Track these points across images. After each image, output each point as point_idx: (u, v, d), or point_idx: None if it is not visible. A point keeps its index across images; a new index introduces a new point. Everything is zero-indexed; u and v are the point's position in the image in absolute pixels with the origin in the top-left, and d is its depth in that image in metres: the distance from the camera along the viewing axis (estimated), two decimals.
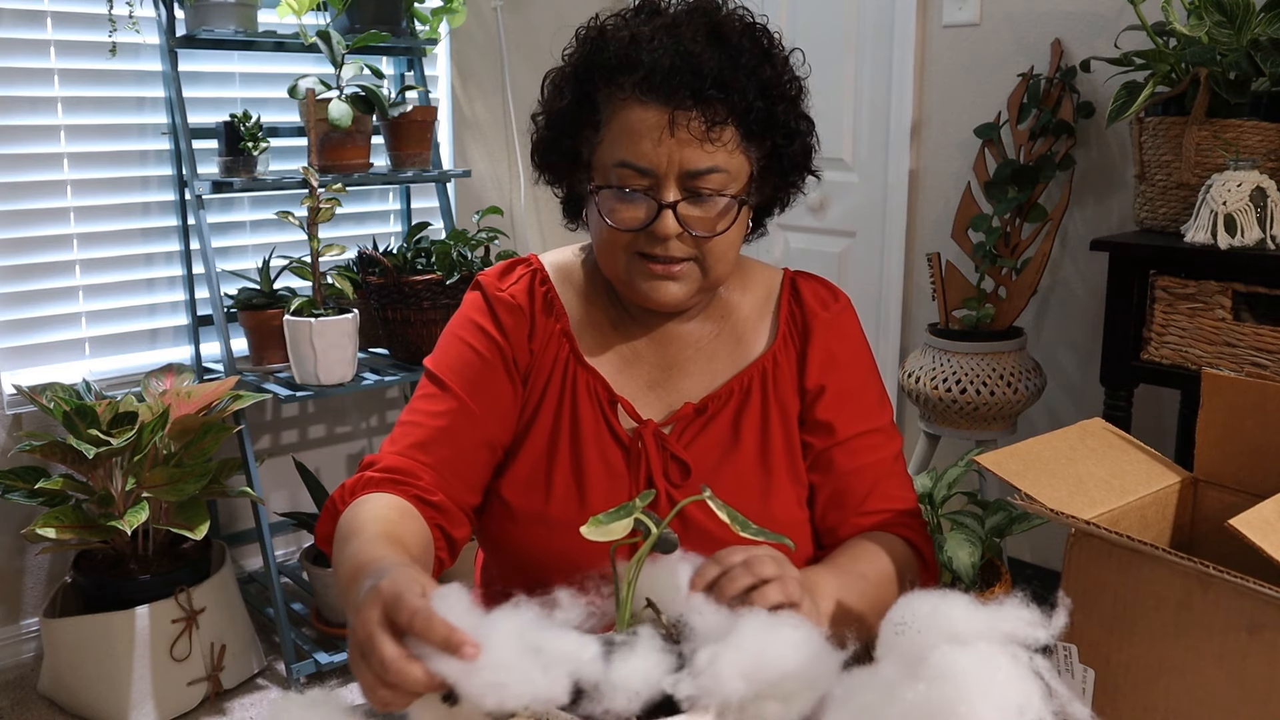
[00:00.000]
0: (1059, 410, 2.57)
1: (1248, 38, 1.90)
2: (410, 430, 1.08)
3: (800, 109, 1.08)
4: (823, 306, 1.15)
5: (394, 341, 2.51)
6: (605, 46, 1.02)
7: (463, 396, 1.08)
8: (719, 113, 0.98)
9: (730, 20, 1.03)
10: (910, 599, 0.77)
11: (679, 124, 0.98)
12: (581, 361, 1.11)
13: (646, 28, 1.01)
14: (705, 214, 1.02)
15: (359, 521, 0.95)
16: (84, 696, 2.19)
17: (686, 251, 1.03)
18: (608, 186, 1.02)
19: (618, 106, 1.01)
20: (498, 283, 1.14)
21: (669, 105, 0.98)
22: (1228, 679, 0.79)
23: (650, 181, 1.00)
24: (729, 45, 1.00)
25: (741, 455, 1.09)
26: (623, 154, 1.00)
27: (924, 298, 2.79)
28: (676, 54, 0.98)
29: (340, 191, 2.28)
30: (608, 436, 1.09)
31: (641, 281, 1.05)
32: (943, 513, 2.00)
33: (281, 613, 2.34)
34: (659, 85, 0.97)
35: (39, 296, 2.43)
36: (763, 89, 1.01)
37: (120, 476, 2.13)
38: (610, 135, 1.02)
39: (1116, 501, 0.95)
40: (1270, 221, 1.86)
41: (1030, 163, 2.38)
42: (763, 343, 1.14)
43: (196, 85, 2.56)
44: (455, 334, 1.13)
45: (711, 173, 1.00)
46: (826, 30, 2.89)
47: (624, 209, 1.02)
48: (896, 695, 0.70)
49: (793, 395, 1.12)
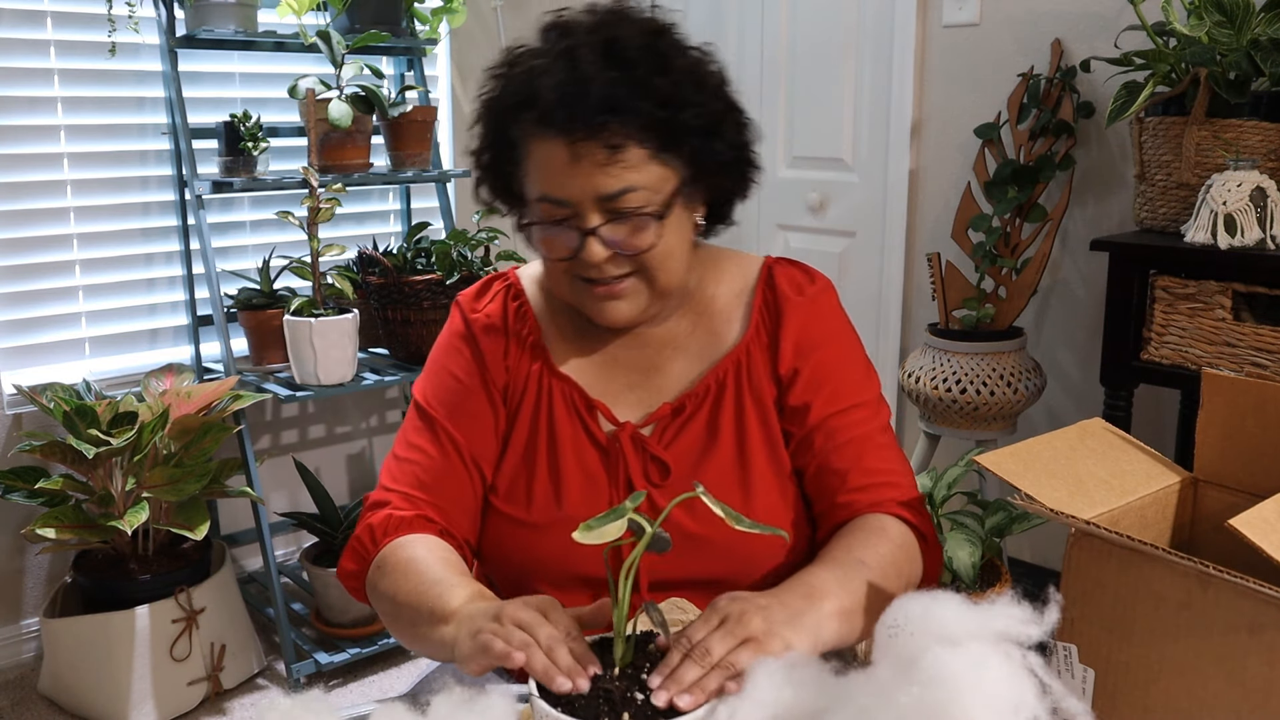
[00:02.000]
0: (1059, 410, 2.57)
1: (1248, 38, 1.90)
2: (409, 469, 1.11)
3: (717, 105, 1.05)
4: (796, 291, 1.13)
5: (394, 341, 2.51)
6: (508, 83, 1.03)
7: (452, 431, 1.11)
8: (615, 136, 0.98)
9: (630, 33, 1.01)
10: (903, 601, 0.78)
11: (580, 153, 0.98)
12: (555, 371, 1.12)
13: (543, 59, 1.01)
14: (631, 232, 1.01)
15: (419, 559, 1.02)
16: (84, 696, 2.19)
17: (624, 269, 1.03)
18: (536, 222, 1.03)
19: (528, 142, 1.02)
20: (474, 304, 1.16)
21: (566, 136, 0.98)
22: (1228, 679, 0.79)
23: (570, 211, 1.01)
24: (622, 63, 0.99)
25: (720, 451, 1.09)
26: (541, 188, 1.01)
27: (924, 298, 2.79)
28: (572, 83, 0.97)
29: (340, 191, 2.28)
30: (585, 441, 1.10)
31: (590, 304, 1.06)
32: (943, 513, 2.00)
33: (281, 613, 2.34)
34: (557, 118, 0.97)
35: (39, 296, 2.43)
36: (661, 101, 0.99)
37: (120, 476, 2.13)
38: (529, 170, 1.03)
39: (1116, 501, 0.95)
40: (1270, 221, 1.86)
41: (1030, 163, 2.38)
42: (735, 333, 1.14)
43: (196, 85, 2.56)
44: (440, 361, 1.16)
45: (625, 193, 0.99)
46: (826, 30, 2.89)
47: (553, 240, 1.03)
48: (891, 699, 0.70)
49: (768, 383, 1.11)
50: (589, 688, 0.78)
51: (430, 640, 0.95)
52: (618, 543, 0.81)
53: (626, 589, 0.81)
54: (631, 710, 0.77)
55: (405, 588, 0.99)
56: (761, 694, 0.76)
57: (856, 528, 1.05)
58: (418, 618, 0.97)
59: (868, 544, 1.01)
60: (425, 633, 0.96)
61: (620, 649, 0.83)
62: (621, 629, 0.82)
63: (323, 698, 0.83)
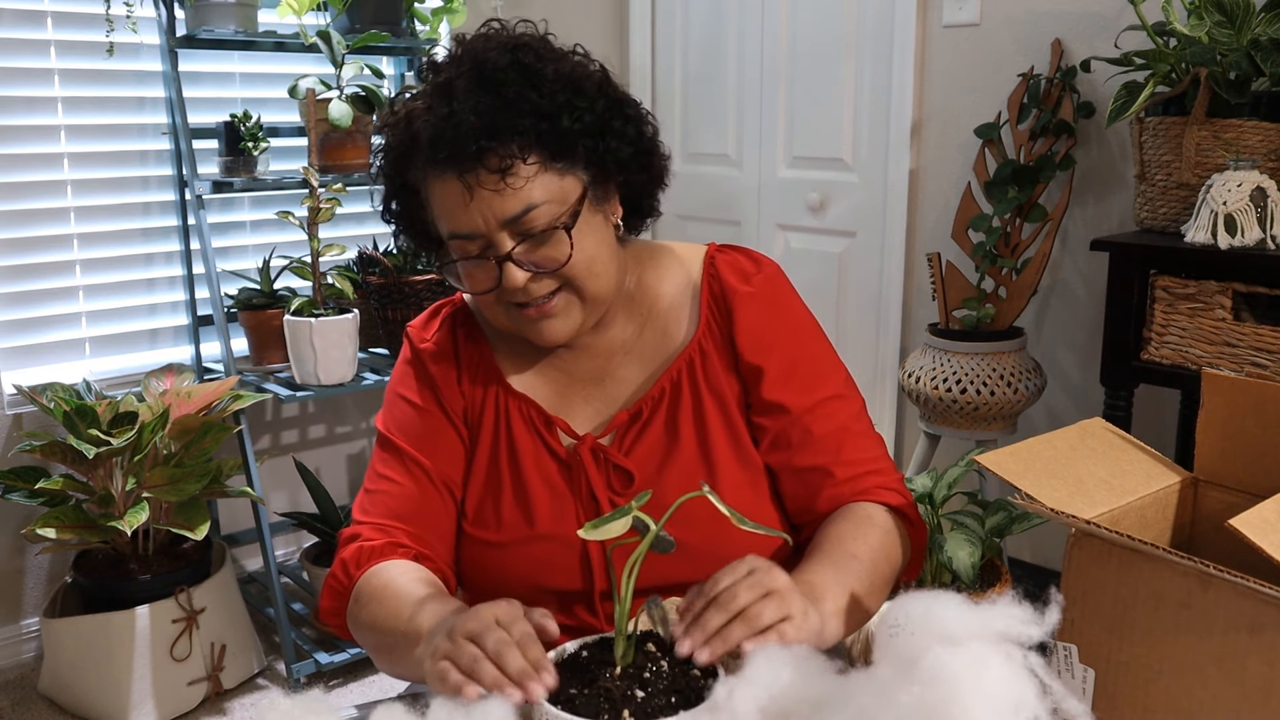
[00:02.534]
0: (1059, 410, 2.57)
1: (1248, 38, 1.90)
2: (380, 500, 1.10)
3: (600, 104, 1.03)
4: (743, 280, 1.12)
5: (394, 341, 2.51)
6: (393, 132, 1.03)
7: (417, 456, 1.10)
8: (499, 159, 0.97)
9: (496, 54, 1.00)
10: (904, 600, 0.78)
11: (473, 185, 0.97)
12: (511, 391, 1.12)
13: (420, 100, 1.01)
14: (547, 250, 1.01)
15: (392, 582, 1.01)
16: (84, 696, 2.19)
17: (550, 286, 1.03)
18: (452, 260, 1.03)
19: (427, 185, 1.02)
20: (421, 333, 1.15)
21: (455, 170, 0.97)
22: (1228, 679, 0.79)
23: (482, 242, 1.00)
24: (492, 85, 0.98)
25: (682, 453, 1.08)
26: (447, 226, 1.01)
27: (924, 298, 2.79)
28: (448, 119, 0.97)
29: (340, 191, 2.29)
30: (546, 457, 1.09)
31: (526, 327, 1.06)
32: (943, 513, 2.00)
33: (281, 613, 2.34)
34: (439, 156, 0.97)
35: (39, 296, 2.43)
36: (537, 113, 0.98)
37: (120, 476, 2.13)
38: (433, 211, 1.03)
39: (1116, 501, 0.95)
40: (1270, 221, 1.86)
41: (1030, 163, 2.38)
42: (685, 331, 1.12)
43: (196, 85, 2.56)
44: (395, 391, 1.15)
45: (528, 211, 0.99)
46: (826, 30, 2.89)
47: (473, 274, 1.03)
48: (891, 698, 0.70)
49: (726, 379, 1.10)
50: (545, 696, 0.77)
51: (408, 663, 0.94)
52: (619, 542, 0.82)
53: (629, 588, 0.81)
54: (632, 709, 0.77)
55: (382, 613, 0.99)
56: (759, 675, 0.76)
57: (844, 518, 1.05)
58: (396, 642, 0.96)
59: (858, 535, 1.02)
60: (402, 656, 0.95)
61: (621, 648, 0.83)
62: (623, 628, 0.82)
63: (323, 698, 0.83)
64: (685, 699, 0.78)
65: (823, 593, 0.92)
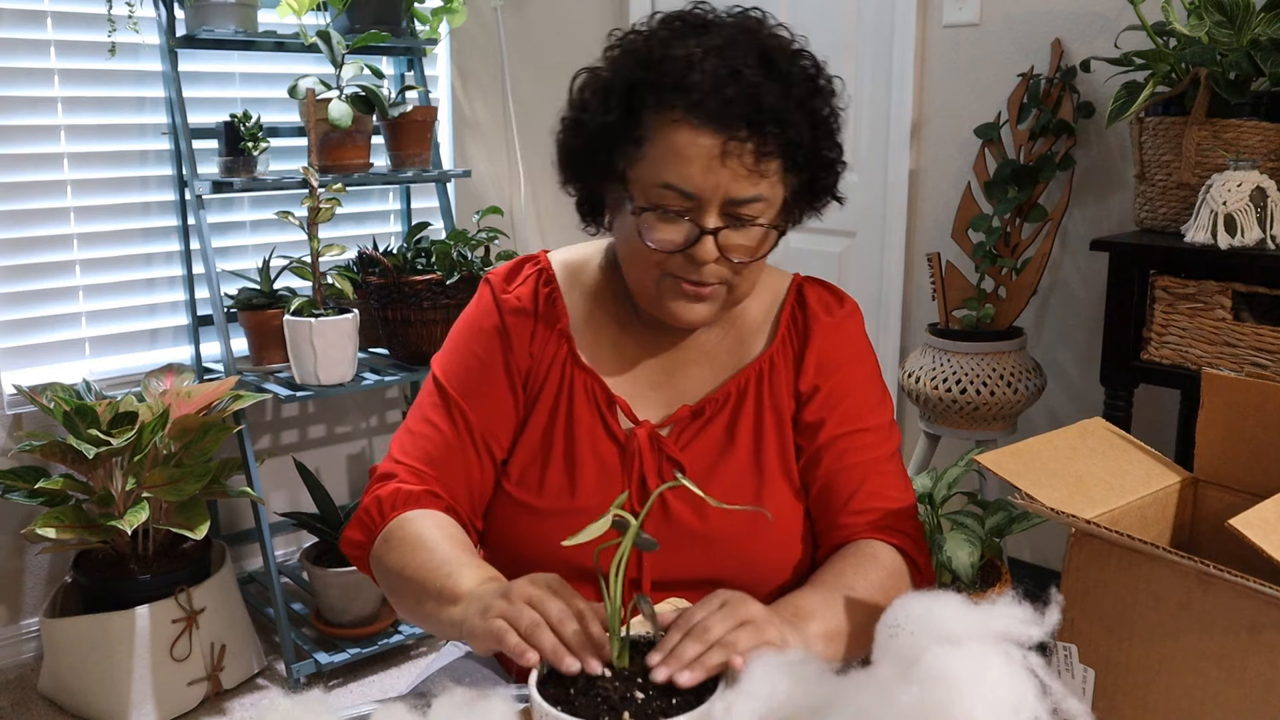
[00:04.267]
0: (1059, 410, 2.57)
1: (1248, 38, 1.90)
2: (420, 444, 1.11)
3: (837, 153, 1.07)
4: (826, 311, 1.15)
5: (394, 341, 2.51)
6: (656, 63, 0.99)
7: (465, 410, 1.10)
8: (770, 146, 0.98)
9: (778, 44, 1.02)
10: (904, 601, 0.78)
11: (730, 153, 0.96)
12: (579, 362, 1.12)
13: (697, 47, 0.98)
14: (743, 240, 1.02)
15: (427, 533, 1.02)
16: (84, 696, 2.19)
17: (719, 275, 1.03)
18: (649, 207, 1.01)
19: (665, 127, 0.98)
20: (504, 284, 1.14)
21: (722, 134, 0.96)
22: (1228, 679, 0.79)
23: (692, 205, 0.99)
24: (781, 74, 0.99)
25: (736, 458, 1.10)
26: (667, 175, 0.98)
27: (924, 298, 2.79)
28: (733, 82, 0.96)
29: (340, 191, 2.28)
30: (603, 435, 1.10)
31: (670, 300, 1.04)
32: (943, 513, 2.00)
33: (281, 613, 2.34)
34: (714, 112, 0.96)
35: (39, 296, 2.43)
36: (813, 124, 1.01)
37: (120, 476, 2.13)
38: (654, 154, 0.99)
39: (1116, 501, 0.95)
40: (1270, 221, 1.86)
41: (1030, 163, 2.38)
42: (762, 345, 1.14)
43: (196, 85, 2.56)
44: (461, 337, 1.15)
45: (754, 201, 1.00)
46: (826, 30, 2.89)
47: (663, 230, 1.01)
48: (891, 698, 0.70)
49: (787, 397, 1.12)
50: (600, 670, 0.79)
51: (435, 618, 0.95)
52: (608, 544, 0.82)
53: (618, 587, 0.81)
54: (631, 710, 0.77)
55: (413, 563, 1.00)
56: (757, 687, 0.76)
57: (849, 553, 1.05)
58: (424, 594, 0.97)
59: (859, 570, 1.02)
60: (431, 610, 0.96)
61: (616, 648, 0.82)
62: (617, 628, 0.82)
63: (323, 698, 0.83)
64: (686, 701, 0.78)
65: (808, 616, 0.92)
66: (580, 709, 0.77)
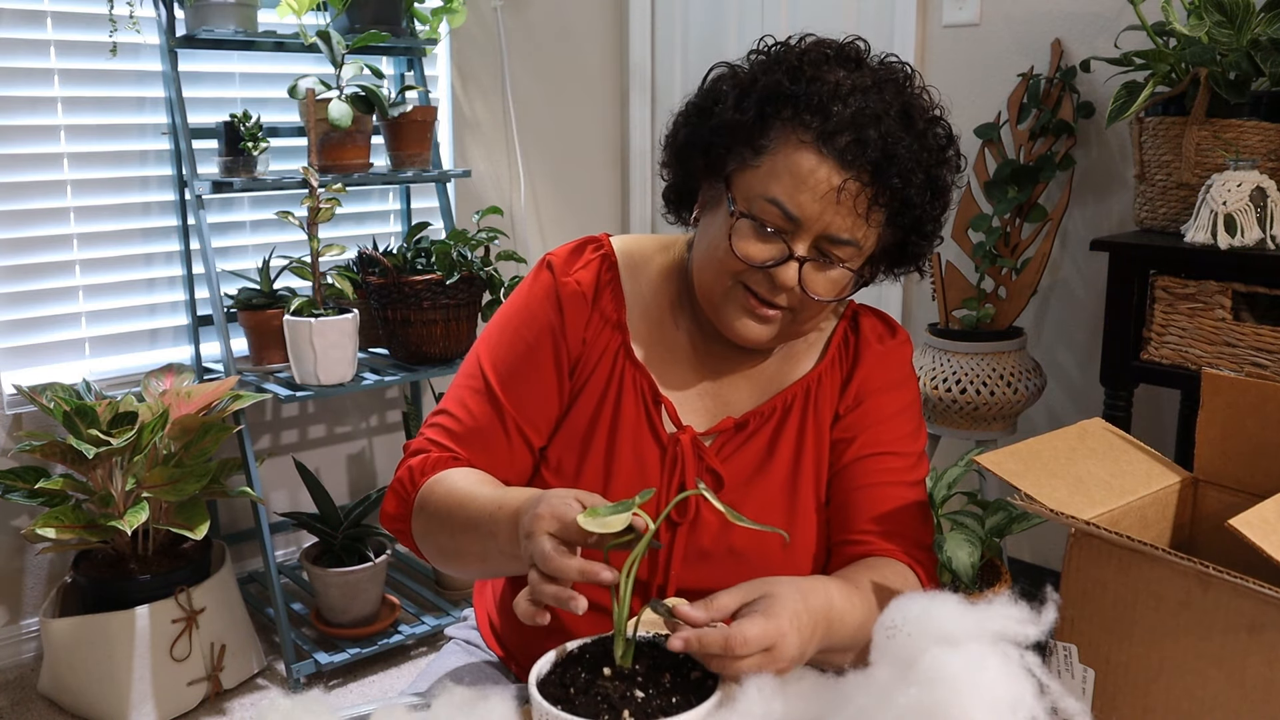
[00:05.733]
0: (1059, 410, 2.57)
1: (1248, 38, 1.90)
2: (454, 424, 1.10)
3: (943, 220, 1.07)
4: (878, 339, 1.14)
5: (394, 341, 2.51)
6: (803, 80, 0.99)
7: (502, 399, 1.09)
8: (885, 197, 0.98)
9: (921, 103, 1.02)
10: (901, 602, 0.78)
11: (845, 191, 0.96)
12: (631, 356, 1.10)
13: (847, 79, 0.99)
14: (824, 278, 1.01)
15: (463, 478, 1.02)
16: (84, 696, 2.19)
17: (790, 302, 1.02)
18: (748, 216, 1.00)
19: (791, 144, 0.98)
20: (566, 266, 1.12)
21: (846, 171, 0.96)
22: (1228, 679, 0.79)
23: (790, 227, 0.99)
24: (918, 132, 0.99)
25: (773, 475, 1.09)
26: (777, 192, 0.98)
27: (924, 298, 2.78)
28: (873, 125, 0.96)
29: (340, 191, 2.28)
30: (647, 434, 1.09)
31: (734, 311, 1.04)
32: (943, 513, 2.00)
33: (281, 613, 2.34)
34: (845, 148, 0.95)
35: (39, 296, 2.43)
36: (933, 191, 1.01)
37: (120, 476, 2.13)
38: (771, 167, 0.99)
39: (1116, 501, 0.95)
40: (1270, 221, 1.86)
41: (1030, 163, 2.38)
42: (811, 364, 1.14)
43: (196, 85, 2.56)
44: (510, 320, 1.12)
45: (848, 244, 1.00)
46: (826, 30, 2.89)
47: (753, 242, 1.00)
48: (889, 699, 0.71)
49: (829, 417, 1.12)
50: (611, 578, 0.79)
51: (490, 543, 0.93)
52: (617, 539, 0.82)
53: (628, 588, 0.81)
54: (631, 709, 0.77)
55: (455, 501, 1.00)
56: (750, 705, 0.76)
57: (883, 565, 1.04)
58: (475, 524, 0.96)
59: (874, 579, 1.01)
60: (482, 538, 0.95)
61: (620, 648, 0.83)
62: (622, 629, 0.82)
63: (323, 698, 0.83)
64: (686, 700, 0.78)
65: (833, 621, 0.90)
66: (580, 708, 0.77)
